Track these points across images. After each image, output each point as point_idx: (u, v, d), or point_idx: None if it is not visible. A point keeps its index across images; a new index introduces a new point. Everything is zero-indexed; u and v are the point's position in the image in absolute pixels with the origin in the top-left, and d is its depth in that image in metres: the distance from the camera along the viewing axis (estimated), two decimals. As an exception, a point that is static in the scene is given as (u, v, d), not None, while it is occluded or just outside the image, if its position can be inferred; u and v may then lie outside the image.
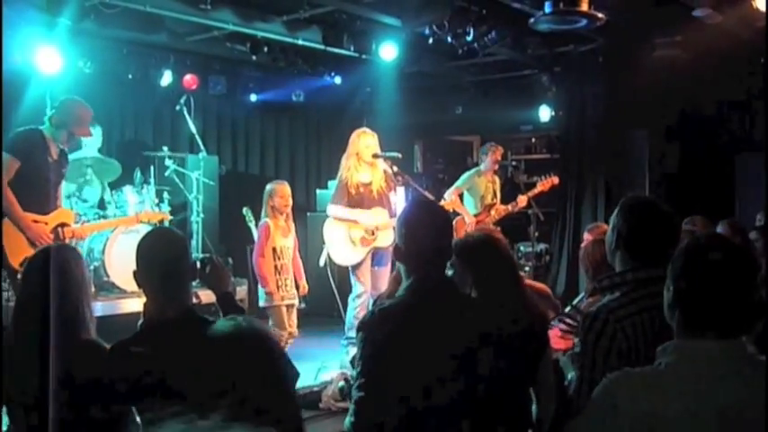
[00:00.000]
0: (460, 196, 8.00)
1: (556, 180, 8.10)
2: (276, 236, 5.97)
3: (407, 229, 2.58)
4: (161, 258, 2.64)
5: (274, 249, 5.97)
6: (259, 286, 6.03)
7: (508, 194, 9.74)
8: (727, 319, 1.89)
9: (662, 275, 2.58)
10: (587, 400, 2.55)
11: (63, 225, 5.24)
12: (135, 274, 2.68)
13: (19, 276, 3.33)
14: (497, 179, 8.26)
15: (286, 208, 6.03)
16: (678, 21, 7.14)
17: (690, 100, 8.28)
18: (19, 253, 3.40)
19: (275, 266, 5.97)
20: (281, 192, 6.00)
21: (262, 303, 6.03)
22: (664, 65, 7.93)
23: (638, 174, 9.10)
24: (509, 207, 7.89)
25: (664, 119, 8.63)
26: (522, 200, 7.90)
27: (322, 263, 6.48)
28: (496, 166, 8.19)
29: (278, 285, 5.96)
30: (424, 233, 2.55)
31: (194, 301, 2.94)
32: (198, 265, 2.84)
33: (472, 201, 8.00)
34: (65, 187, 7.49)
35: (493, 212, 7.88)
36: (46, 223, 5.11)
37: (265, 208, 6.03)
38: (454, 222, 7.75)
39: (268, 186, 6.09)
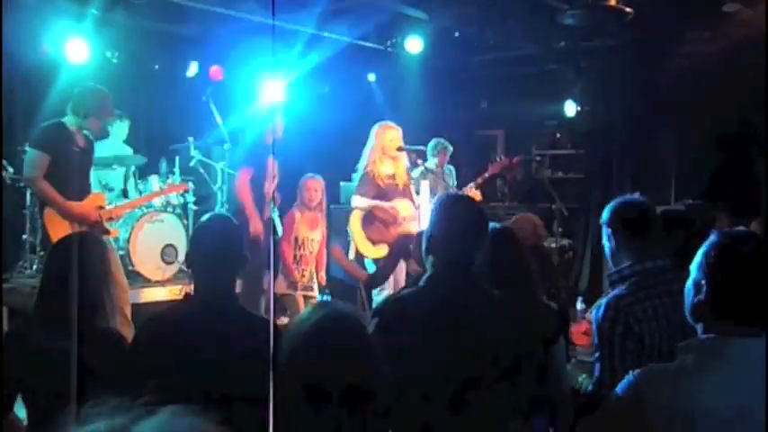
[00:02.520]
0: None
1: (506, 162, 7.65)
2: (301, 227, 6.06)
3: (439, 220, 2.57)
4: (216, 244, 2.68)
5: (296, 239, 6.05)
6: (279, 274, 6.13)
7: (531, 190, 9.75)
8: (760, 315, 1.87)
9: (665, 266, 2.82)
10: (611, 390, 2.59)
11: (99, 208, 5.46)
12: (187, 255, 2.75)
13: None
14: (452, 170, 8.19)
15: (311, 202, 6.14)
16: (708, 16, 7.07)
17: (718, 96, 8.18)
18: None
19: (294, 256, 6.05)
20: (307, 185, 6.15)
21: (279, 290, 6.13)
22: (692, 60, 7.86)
23: (665, 170, 9.03)
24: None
25: (691, 115, 8.54)
26: (470, 189, 7.68)
27: (351, 256, 6.46)
28: (442, 167, 8.06)
29: (295, 275, 6.04)
30: (455, 226, 2.54)
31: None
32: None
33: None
34: (94, 176, 7.62)
35: None
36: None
37: (297, 198, 6.19)
38: None
39: (301, 179, 6.24)
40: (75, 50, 7.07)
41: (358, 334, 1.85)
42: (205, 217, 2.91)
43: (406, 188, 6.33)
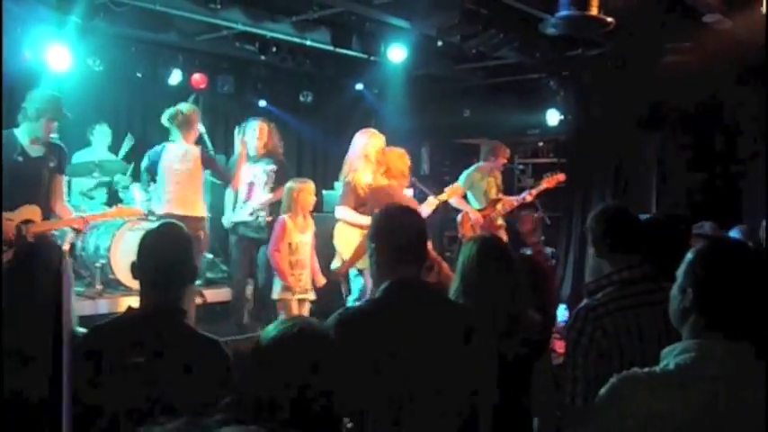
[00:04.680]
0: (464, 196, 8.02)
1: (562, 177, 8.05)
2: (293, 232, 6.06)
3: (384, 231, 2.58)
4: (159, 254, 2.61)
5: (290, 245, 6.05)
6: (274, 279, 6.12)
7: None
8: (745, 321, 1.88)
9: (645, 275, 2.80)
10: (574, 395, 2.60)
11: (27, 222, 5.21)
12: (133, 265, 2.67)
13: None
14: (498, 174, 8.25)
15: (309, 206, 6.16)
16: (688, 26, 7.12)
17: (699, 106, 8.25)
18: None
19: (289, 262, 6.05)
20: (308, 189, 6.13)
21: (275, 296, 6.11)
22: (673, 70, 7.91)
23: (647, 179, 9.08)
24: (515, 201, 7.88)
25: (673, 124, 8.60)
26: (528, 196, 7.88)
27: (334, 267, 6.39)
28: (501, 167, 8.22)
29: (290, 281, 6.03)
30: (400, 235, 2.55)
31: (198, 300, 2.89)
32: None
33: (475, 198, 8.00)
34: (75, 184, 7.56)
35: (499, 206, 7.87)
36: (11, 220, 5.11)
37: (286, 203, 6.12)
38: (460, 218, 7.78)
39: (292, 184, 6.18)
40: (56, 58, 7.04)
41: (319, 348, 1.87)
42: (155, 225, 2.83)
43: None
